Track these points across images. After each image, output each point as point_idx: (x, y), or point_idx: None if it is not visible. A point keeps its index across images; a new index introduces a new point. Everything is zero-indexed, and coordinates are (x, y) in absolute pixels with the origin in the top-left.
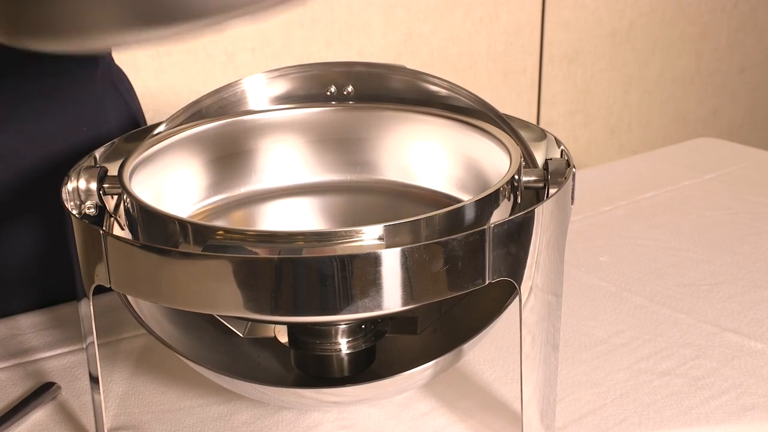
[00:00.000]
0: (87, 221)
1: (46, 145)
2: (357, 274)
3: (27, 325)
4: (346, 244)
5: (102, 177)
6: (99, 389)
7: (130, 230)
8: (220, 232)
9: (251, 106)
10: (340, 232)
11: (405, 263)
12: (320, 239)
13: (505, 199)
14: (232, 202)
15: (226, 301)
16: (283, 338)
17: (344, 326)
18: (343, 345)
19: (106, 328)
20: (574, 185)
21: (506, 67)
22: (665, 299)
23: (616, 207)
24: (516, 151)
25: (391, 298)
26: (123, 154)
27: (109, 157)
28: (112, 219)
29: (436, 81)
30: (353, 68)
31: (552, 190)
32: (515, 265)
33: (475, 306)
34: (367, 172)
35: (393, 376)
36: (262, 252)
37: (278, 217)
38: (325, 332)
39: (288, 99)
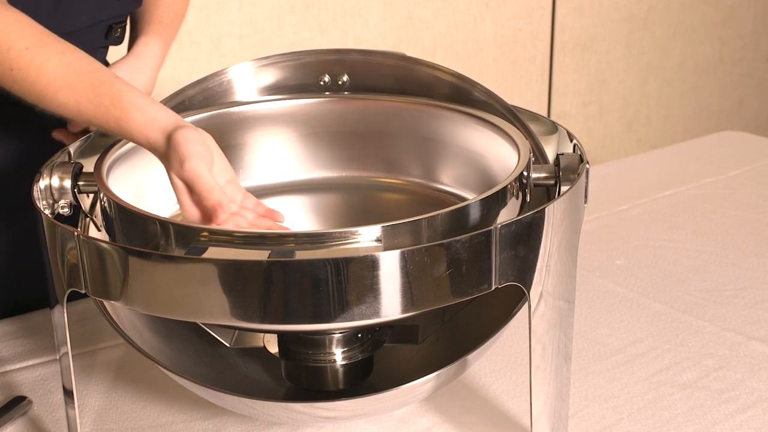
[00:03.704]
0: (60, 221)
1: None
2: (353, 279)
3: None
4: (341, 246)
5: (77, 174)
6: (74, 403)
7: (107, 231)
8: (205, 233)
9: (238, 97)
10: (335, 233)
11: (405, 267)
12: (313, 241)
13: (513, 198)
14: None
15: (212, 308)
16: (273, 348)
17: (339, 335)
18: (338, 355)
19: (82, 337)
20: (587, 182)
21: (514, 55)
22: (686, 306)
23: (633, 206)
24: (525, 145)
25: (390, 305)
26: (99, 149)
27: (84, 153)
28: (87, 219)
29: (439, 70)
30: (349, 56)
31: (564, 188)
32: (524, 269)
33: (481, 313)
34: (364, 169)
35: (392, 389)
36: (249, 255)
37: None
38: (318, 342)
39: (278, 89)
